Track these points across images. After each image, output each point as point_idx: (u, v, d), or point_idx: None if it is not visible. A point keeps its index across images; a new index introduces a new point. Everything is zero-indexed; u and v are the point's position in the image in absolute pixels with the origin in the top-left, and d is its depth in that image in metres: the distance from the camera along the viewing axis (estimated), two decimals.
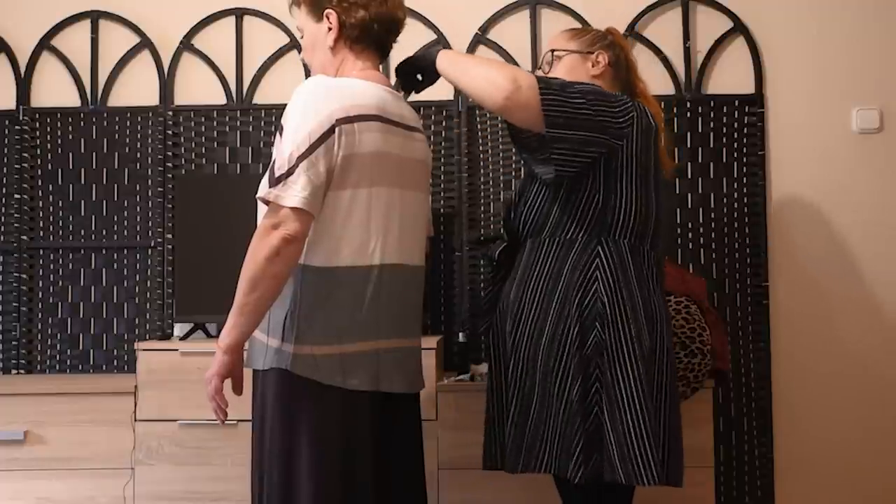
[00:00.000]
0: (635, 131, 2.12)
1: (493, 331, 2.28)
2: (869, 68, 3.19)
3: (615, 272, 2.12)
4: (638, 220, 2.15)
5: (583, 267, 2.13)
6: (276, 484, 1.96)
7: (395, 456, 2.07)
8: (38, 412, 2.81)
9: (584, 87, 2.09)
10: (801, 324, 3.16)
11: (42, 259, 3.28)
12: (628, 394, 2.08)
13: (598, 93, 2.10)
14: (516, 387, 2.18)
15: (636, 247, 2.16)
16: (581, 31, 2.37)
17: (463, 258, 3.22)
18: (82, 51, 3.33)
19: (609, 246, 2.14)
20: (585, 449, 2.08)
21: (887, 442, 3.12)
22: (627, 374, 2.09)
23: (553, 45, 2.34)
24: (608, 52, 2.30)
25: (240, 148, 3.28)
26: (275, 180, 1.89)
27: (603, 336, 2.10)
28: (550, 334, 2.13)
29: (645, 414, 2.07)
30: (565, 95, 2.04)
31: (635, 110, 2.14)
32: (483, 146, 3.24)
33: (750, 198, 3.17)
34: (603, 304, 2.10)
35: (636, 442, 2.06)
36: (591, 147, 2.07)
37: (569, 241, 2.15)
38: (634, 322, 2.11)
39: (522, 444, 2.15)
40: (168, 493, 2.78)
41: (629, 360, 2.09)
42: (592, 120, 2.06)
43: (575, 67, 2.29)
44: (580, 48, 2.30)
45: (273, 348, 1.96)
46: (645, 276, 2.16)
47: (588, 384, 2.09)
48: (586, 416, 2.09)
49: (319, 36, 2.10)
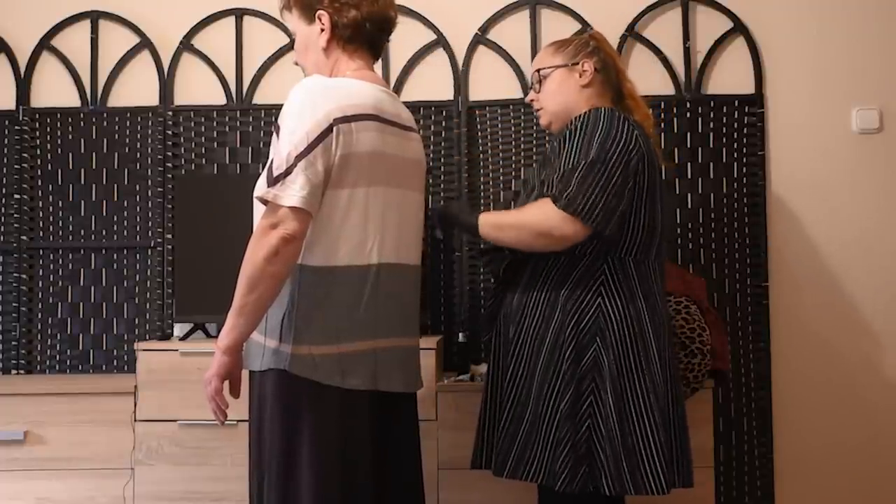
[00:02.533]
0: (644, 159, 2.13)
1: (495, 335, 2.29)
2: (869, 68, 3.19)
3: (621, 289, 2.13)
4: (644, 236, 2.17)
5: (587, 282, 2.14)
6: (276, 484, 1.96)
7: (393, 456, 2.07)
8: (38, 412, 2.81)
9: (596, 169, 2.07)
10: (800, 324, 3.15)
11: (42, 259, 3.28)
12: (639, 407, 2.10)
13: (607, 159, 2.08)
14: (513, 393, 2.19)
15: (641, 261, 2.17)
16: (563, 43, 2.34)
17: (463, 258, 3.22)
18: (82, 51, 3.33)
19: (615, 264, 2.14)
20: (573, 460, 2.09)
21: (887, 442, 3.12)
22: (635, 388, 2.11)
23: (538, 65, 2.32)
24: (593, 59, 2.27)
25: (240, 148, 3.28)
26: (273, 180, 1.89)
27: (604, 352, 2.11)
28: (550, 345, 2.14)
29: (655, 426, 2.09)
30: (589, 198, 2.05)
31: (638, 138, 2.13)
32: (483, 146, 3.24)
33: (750, 198, 3.17)
34: (607, 320, 2.12)
35: (646, 453, 2.09)
36: (623, 202, 2.10)
37: (576, 256, 2.15)
38: (641, 338, 2.13)
39: (512, 450, 2.17)
40: (168, 493, 2.78)
41: (636, 374, 2.11)
42: (618, 188, 2.07)
43: (563, 81, 2.28)
44: (564, 61, 2.28)
45: (271, 349, 1.96)
46: (650, 288, 2.18)
47: (581, 399, 2.10)
48: (576, 429, 2.10)
49: (312, 37, 2.10)
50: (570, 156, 2.10)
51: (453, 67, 3.27)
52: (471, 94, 3.26)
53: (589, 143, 2.09)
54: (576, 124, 2.15)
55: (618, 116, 2.15)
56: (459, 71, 3.26)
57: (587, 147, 2.09)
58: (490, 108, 3.25)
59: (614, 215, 2.08)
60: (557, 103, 2.28)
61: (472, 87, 3.27)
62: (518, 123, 3.23)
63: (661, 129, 3.17)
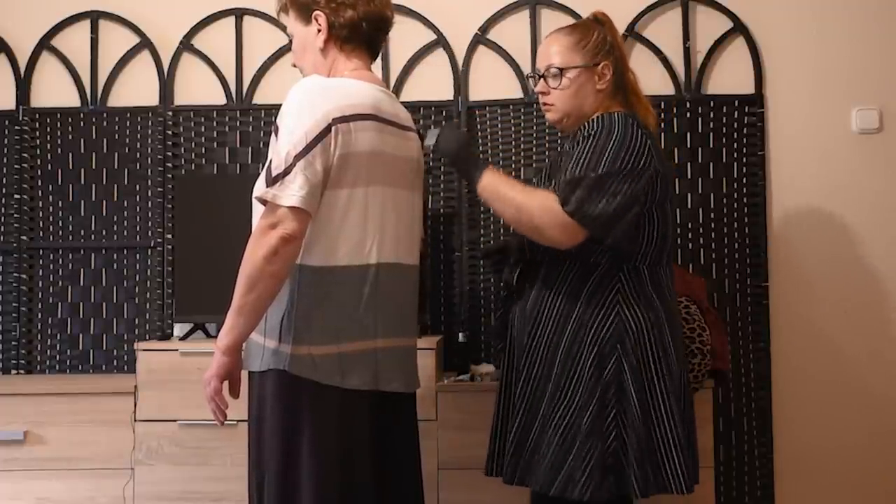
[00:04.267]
0: (657, 172, 2.11)
1: (508, 342, 2.28)
2: (869, 68, 3.19)
3: (638, 297, 2.13)
4: (658, 243, 2.16)
5: (603, 291, 2.13)
6: (275, 484, 1.96)
7: (393, 456, 2.07)
8: (38, 412, 2.81)
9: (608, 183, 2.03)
10: (800, 324, 3.15)
11: (42, 259, 3.28)
12: (661, 411, 2.11)
13: (620, 171, 2.05)
14: (525, 402, 2.19)
15: (654, 267, 2.17)
16: (581, 36, 2.23)
17: (463, 258, 3.22)
18: (82, 51, 3.33)
19: (630, 271, 2.14)
20: (600, 471, 2.08)
21: (887, 442, 3.12)
22: (656, 393, 2.11)
23: (556, 60, 2.20)
24: (610, 58, 2.22)
25: (240, 148, 3.28)
26: (272, 180, 1.89)
27: (626, 360, 2.10)
28: (564, 354, 2.13)
29: (676, 428, 2.11)
30: (595, 209, 2.02)
31: (651, 149, 2.10)
32: (483, 146, 3.24)
33: (750, 198, 3.17)
34: (627, 328, 2.11)
35: (670, 455, 2.10)
36: (629, 215, 2.08)
37: (591, 264, 2.13)
38: (661, 344, 2.13)
39: (521, 457, 2.17)
40: (168, 493, 2.78)
41: (657, 380, 2.12)
42: (627, 202, 2.05)
43: (583, 84, 2.20)
44: (585, 62, 2.20)
45: (270, 349, 1.96)
46: (665, 293, 2.18)
47: (606, 409, 2.10)
48: (604, 440, 2.09)
49: (309, 38, 2.10)
50: (581, 161, 2.06)
51: (453, 67, 3.27)
52: (471, 94, 3.26)
53: (602, 152, 2.06)
54: (590, 130, 2.12)
55: (631, 124, 2.12)
56: (459, 71, 3.26)
57: (599, 156, 2.05)
58: (490, 108, 3.25)
59: (615, 228, 2.05)
60: (572, 105, 2.21)
61: (472, 87, 3.27)
62: (518, 123, 3.23)
63: (662, 129, 3.17)
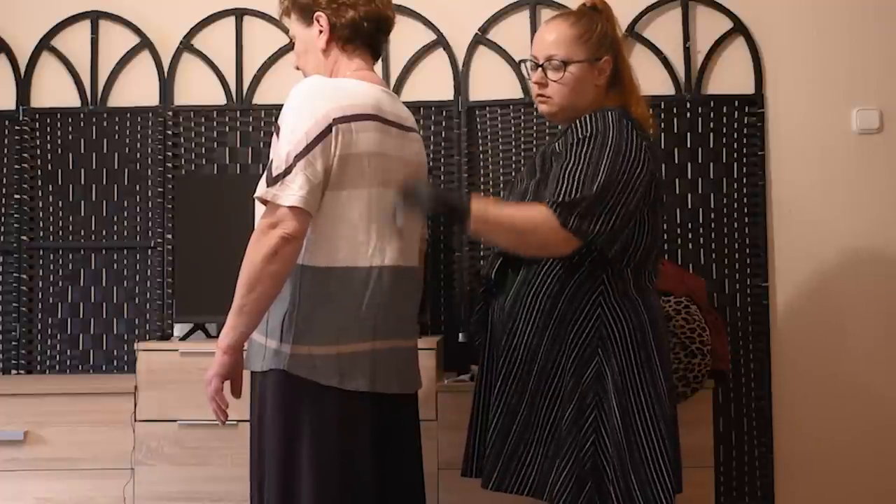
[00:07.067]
0: (652, 180, 2.09)
1: (486, 340, 2.23)
2: (869, 68, 3.19)
3: (621, 299, 2.09)
4: (644, 249, 2.13)
5: (585, 293, 2.08)
6: (276, 485, 1.96)
7: (393, 456, 2.07)
8: (38, 412, 2.81)
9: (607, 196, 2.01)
10: (801, 324, 3.15)
11: (42, 259, 3.28)
12: (644, 418, 2.06)
13: (618, 181, 2.02)
14: (502, 402, 2.14)
15: (639, 270, 2.13)
16: (585, 29, 2.18)
17: (463, 258, 3.22)
18: (82, 51, 3.33)
19: (614, 273, 2.09)
20: (577, 476, 2.05)
21: (887, 442, 3.12)
22: (640, 399, 2.07)
23: (558, 52, 2.15)
24: (610, 53, 2.19)
25: (240, 148, 3.28)
26: (272, 180, 1.89)
27: (607, 364, 2.07)
28: (544, 357, 2.09)
29: (662, 437, 2.06)
30: (597, 223, 2.01)
31: (647, 155, 2.08)
32: (483, 146, 3.24)
33: (750, 198, 3.17)
34: (608, 330, 2.07)
35: (654, 466, 2.06)
36: (628, 226, 2.07)
37: (573, 265, 2.08)
38: (644, 347, 2.09)
39: (499, 461, 2.13)
40: (168, 493, 2.78)
41: (640, 385, 2.07)
42: (628, 214, 2.04)
43: (583, 79, 2.16)
44: (587, 56, 2.16)
45: (271, 349, 1.96)
46: (648, 294, 2.15)
47: (584, 413, 2.06)
48: (580, 444, 2.06)
49: (311, 40, 2.11)
50: (577, 172, 2.02)
51: (453, 67, 3.27)
52: (471, 94, 3.26)
53: (598, 162, 2.02)
54: (583, 133, 2.07)
55: (626, 125, 2.08)
56: (459, 71, 3.26)
57: (596, 166, 2.01)
58: (490, 108, 3.25)
59: (617, 241, 2.05)
60: (570, 100, 2.17)
61: (472, 88, 3.27)
62: (518, 123, 3.23)
63: (662, 129, 3.17)
